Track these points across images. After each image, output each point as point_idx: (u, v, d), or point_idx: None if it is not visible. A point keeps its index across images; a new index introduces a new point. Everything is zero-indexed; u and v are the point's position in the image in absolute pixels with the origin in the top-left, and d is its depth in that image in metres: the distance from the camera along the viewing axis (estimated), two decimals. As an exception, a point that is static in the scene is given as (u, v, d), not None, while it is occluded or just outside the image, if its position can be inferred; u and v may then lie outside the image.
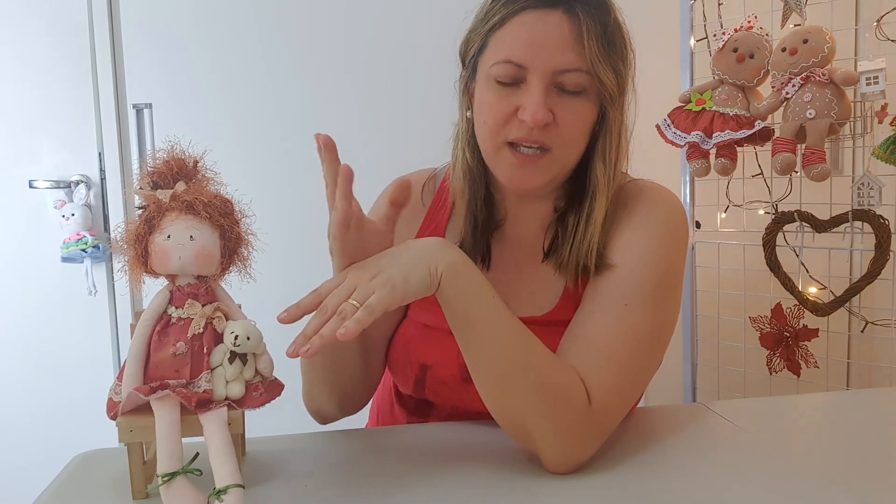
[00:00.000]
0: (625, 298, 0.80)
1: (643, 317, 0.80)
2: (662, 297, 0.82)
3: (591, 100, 0.80)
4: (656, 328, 0.82)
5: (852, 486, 0.73)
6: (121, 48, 1.90)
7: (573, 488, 0.73)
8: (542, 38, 0.77)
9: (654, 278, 0.82)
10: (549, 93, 0.78)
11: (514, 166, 0.81)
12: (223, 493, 0.63)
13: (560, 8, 0.77)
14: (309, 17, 1.97)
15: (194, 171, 0.72)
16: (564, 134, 0.80)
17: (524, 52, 0.77)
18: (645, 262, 0.82)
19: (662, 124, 1.68)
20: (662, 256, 0.83)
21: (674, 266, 0.85)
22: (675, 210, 0.88)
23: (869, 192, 1.52)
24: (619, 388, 0.78)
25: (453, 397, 0.91)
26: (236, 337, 0.68)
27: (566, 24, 0.77)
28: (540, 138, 0.79)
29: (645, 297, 0.80)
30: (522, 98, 0.78)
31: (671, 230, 0.85)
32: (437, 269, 0.71)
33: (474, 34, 0.84)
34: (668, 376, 1.97)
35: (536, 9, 0.77)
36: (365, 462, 0.81)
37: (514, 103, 0.79)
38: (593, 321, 0.80)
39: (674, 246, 0.85)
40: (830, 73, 1.46)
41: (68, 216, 1.85)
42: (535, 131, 0.78)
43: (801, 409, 1.05)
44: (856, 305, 1.64)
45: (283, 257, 1.63)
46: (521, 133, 0.79)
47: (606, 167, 0.82)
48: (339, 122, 1.98)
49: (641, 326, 0.80)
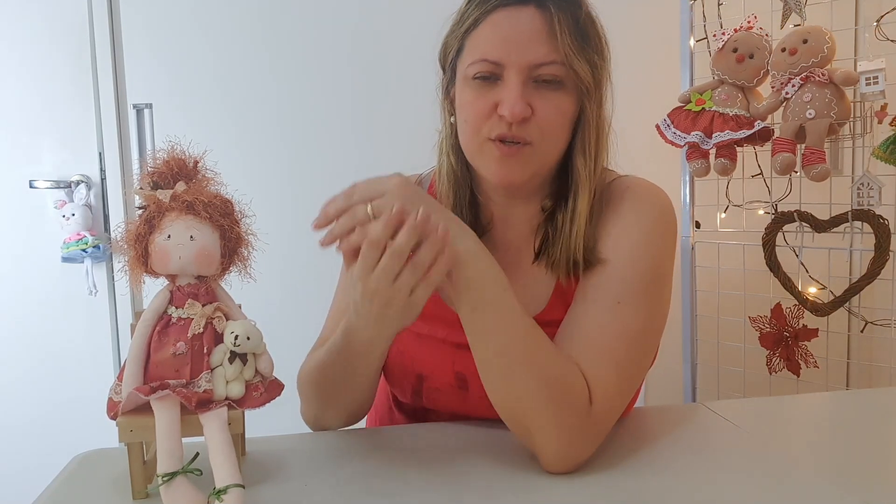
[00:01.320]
0: (618, 296, 0.80)
1: (637, 314, 0.80)
2: (654, 293, 0.83)
3: (569, 93, 0.81)
4: (650, 324, 0.82)
5: (852, 486, 0.73)
6: (121, 48, 1.90)
7: (572, 488, 0.73)
8: (516, 34, 0.78)
9: (645, 274, 0.82)
10: (527, 87, 0.79)
11: (498, 159, 0.82)
12: (223, 493, 0.63)
13: (531, 4, 0.78)
14: (309, 17, 1.97)
15: (194, 172, 0.72)
16: (543, 127, 0.80)
17: (499, 50, 0.79)
18: (635, 259, 0.82)
19: (662, 124, 1.68)
20: (652, 252, 0.84)
21: (663, 260, 0.85)
22: (662, 204, 0.88)
23: (868, 192, 1.52)
24: (619, 387, 0.78)
25: (451, 405, 0.91)
26: (236, 337, 0.68)
27: (538, 18, 0.78)
28: (519, 133, 0.80)
29: (637, 294, 0.81)
30: (501, 94, 0.79)
31: (659, 224, 0.86)
32: (455, 245, 0.71)
33: (451, 38, 0.86)
34: (668, 376, 1.97)
35: (508, 6, 0.79)
36: (365, 462, 0.81)
37: (493, 100, 0.80)
38: (587, 320, 0.80)
39: (662, 239, 0.86)
40: (830, 74, 1.46)
41: (69, 216, 1.85)
42: (514, 126, 0.79)
43: (801, 409, 1.05)
44: (855, 305, 1.65)
45: (283, 257, 1.63)
46: (502, 129, 0.80)
47: (587, 161, 0.84)
48: (338, 123, 1.99)
49: (636, 324, 0.80)
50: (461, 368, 0.87)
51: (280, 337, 0.86)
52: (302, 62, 1.97)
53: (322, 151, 1.98)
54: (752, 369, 1.76)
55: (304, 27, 1.97)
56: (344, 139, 1.99)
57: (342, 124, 1.99)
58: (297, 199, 1.94)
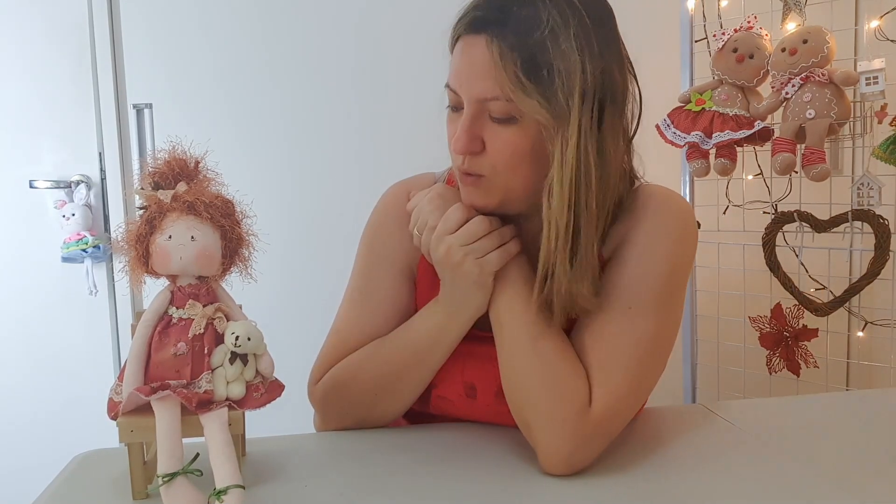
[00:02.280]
0: (629, 303, 0.80)
1: (648, 321, 0.80)
2: (668, 302, 0.82)
3: (525, 127, 0.75)
4: (662, 330, 0.82)
5: (852, 486, 0.73)
6: (121, 48, 1.90)
7: (572, 488, 0.73)
8: (467, 66, 0.76)
9: (661, 282, 0.81)
10: (480, 120, 0.76)
11: (464, 188, 0.81)
12: (223, 494, 0.63)
13: (483, 34, 0.74)
14: (310, 17, 1.97)
15: (195, 172, 0.72)
16: (494, 161, 0.77)
17: (455, 80, 0.78)
18: (653, 266, 0.81)
19: (662, 124, 1.68)
20: (671, 260, 0.82)
21: (681, 269, 0.84)
22: (685, 215, 0.87)
23: (868, 192, 1.52)
24: (625, 392, 0.78)
25: (458, 413, 0.91)
26: (237, 337, 0.68)
27: (488, 50, 0.73)
28: (469, 168, 0.78)
29: (650, 301, 0.80)
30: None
31: (680, 234, 0.84)
32: None
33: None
34: (668, 376, 1.96)
35: (467, 34, 0.76)
36: (365, 462, 0.81)
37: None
38: (597, 325, 0.80)
39: (683, 248, 0.84)
40: (830, 74, 1.46)
41: (69, 216, 1.85)
42: (466, 160, 0.78)
43: (801, 409, 1.05)
44: (855, 305, 1.64)
45: (283, 258, 1.64)
46: (458, 161, 0.79)
47: (550, 201, 0.75)
48: (340, 123, 1.98)
49: (648, 330, 0.79)
50: (471, 378, 0.87)
51: (280, 337, 0.86)
52: (303, 62, 1.97)
53: (323, 152, 1.98)
54: (752, 369, 1.76)
55: (305, 27, 1.97)
56: (345, 139, 1.99)
57: (344, 124, 1.99)
58: (299, 199, 1.95)
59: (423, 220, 0.81)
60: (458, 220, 0.78)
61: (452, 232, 0.78)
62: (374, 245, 0.94)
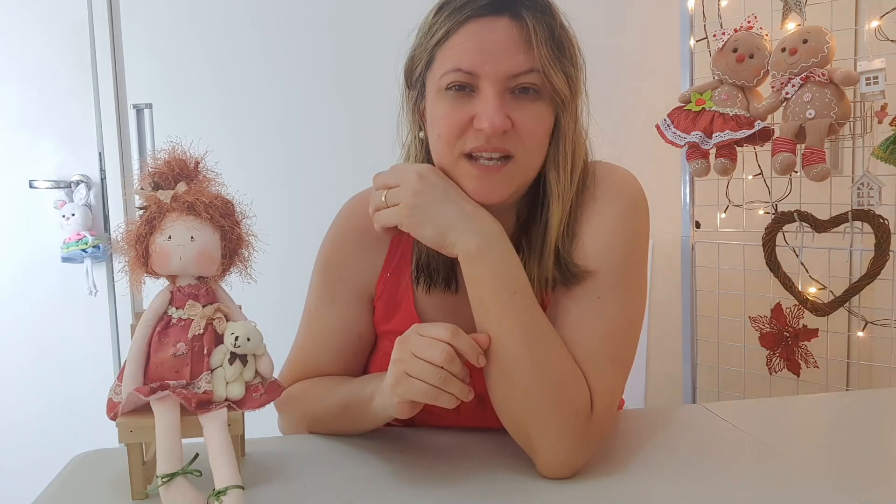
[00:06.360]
0: (597, 291, 0.79)
1: (618, 306, 0.79)
2: (632, 282, 0.82)
3: (546, 104, 0.79)
4: (632, 312, 0.82)
5: (852, 486, 0.73)
6: (121, 48, 1.90)
7: (572, 489, 0.73)
8: (491, 44, 0.76)
9: (620, 265, 0.81)
10: (504, 99, 0.77)
11: (477, 178, 0.79)
12: (223, 494, 0.63)
13: (506, 14, 0.76)
14: (309, 18, 1.97)
15: (195, 172, 0.72)
16: (525, 139, 0.78)
17: (473, 60, 0.76)
18: (608, 251, 0.81)
19: (662, 124, 1.68)
20: (625, 241, 0.82)
21: (636, 246, 0.84)
22: (628, 188, 0.86)
23: (869, 192, 1.52)
24: (614, 386, 0.78)
25: (442, 423, 0.90)
26: (236, 338, 0.68)
27: (514, 28, 0.76)
28: (500, 145, 0.77)
29: (615, 286, 0.80)
30: (476, 107, 0.77)
31: (627, 209, 0.84)
32: (454, 245, 0.75)
33: (419, 51, 0.83)
34: (668, 376, 1.97)
35: (482, 17, 0.76)
36: (364, 462, 0.81)
37: (469, 113, 0.77)
38: (571, 320, 0.79)
39: (633, 225, 0.84)
40: (830, 73, 1.46)
41: (68, 216, 1.85)
42: (494, 139, 0.77)
43: (801, 409, 1.05)
44: (855, 305, 1.65)
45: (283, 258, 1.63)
46: (479, 142, 0.77)
47: (560, 175, 0.81)
48: (339, 124, 1.98)
49: (619, 317, 0.79)
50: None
51: (280, 338, 0.86)
52: (303, 62, 1.97)
53: (323, 152, 1.98)
54: (752, 369, 1.76)
55: (304, 27, 1.97)
56: (345, 140, 1.98)
57: (343, 125, 1.98)
58: (298, 200, 1.95)
59: (398, 199, 0.77)
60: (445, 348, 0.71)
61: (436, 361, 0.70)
62: (331, 266, 0.94)
